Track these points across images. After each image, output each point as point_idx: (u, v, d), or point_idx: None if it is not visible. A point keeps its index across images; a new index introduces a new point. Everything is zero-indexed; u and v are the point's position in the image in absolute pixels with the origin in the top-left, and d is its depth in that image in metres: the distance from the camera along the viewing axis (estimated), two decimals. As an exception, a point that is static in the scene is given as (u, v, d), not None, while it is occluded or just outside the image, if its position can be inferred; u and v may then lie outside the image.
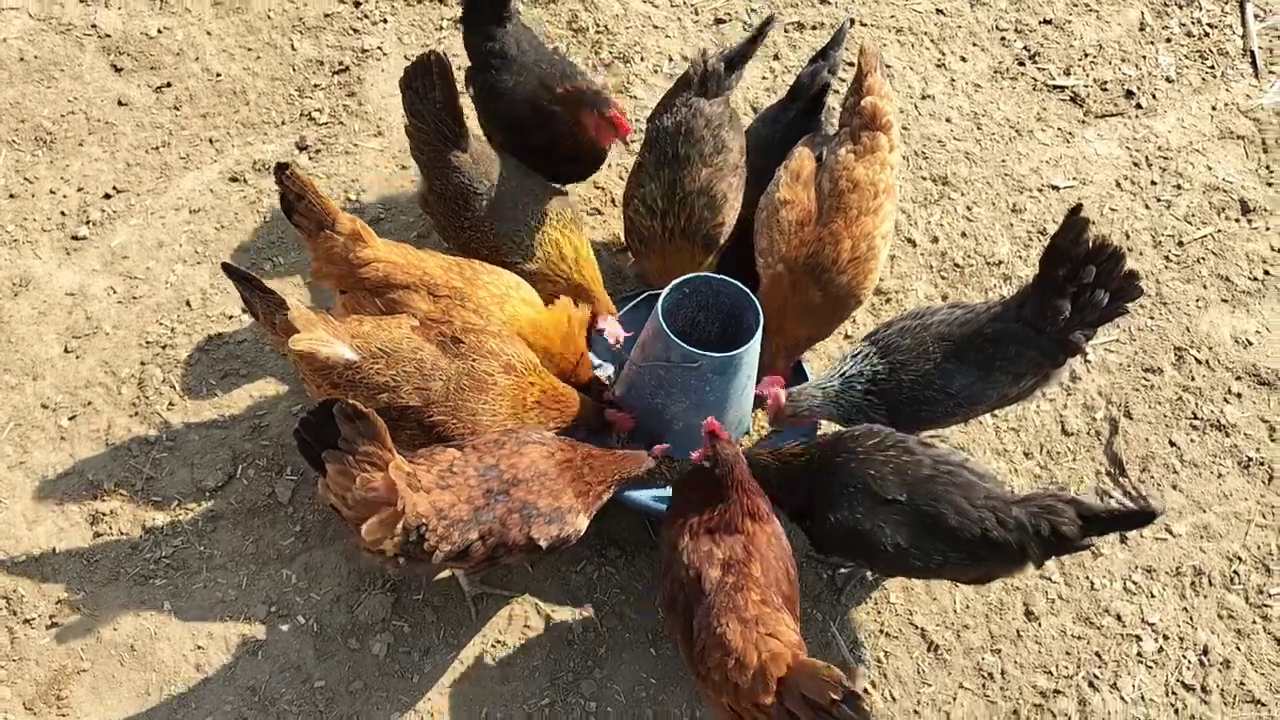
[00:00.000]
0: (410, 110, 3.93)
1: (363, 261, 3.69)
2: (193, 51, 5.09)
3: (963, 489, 3.34)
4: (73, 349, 4.29)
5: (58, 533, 3.93)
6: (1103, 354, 4.57)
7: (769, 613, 3.11)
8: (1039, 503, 3.31)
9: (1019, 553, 3.28)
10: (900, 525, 3.34)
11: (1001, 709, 3.86)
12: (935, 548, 3.33)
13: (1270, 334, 4.65)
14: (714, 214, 4.03)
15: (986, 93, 5.23)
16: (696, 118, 4.02)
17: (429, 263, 3.78)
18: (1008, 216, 4.88)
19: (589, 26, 5.25)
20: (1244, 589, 4.14)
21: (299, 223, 3.69)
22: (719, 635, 3.07)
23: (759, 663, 2.98)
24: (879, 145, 4.00)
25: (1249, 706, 3.93)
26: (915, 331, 3.72)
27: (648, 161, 4.09)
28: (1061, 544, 3.27)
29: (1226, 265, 4.81)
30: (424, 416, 3.53)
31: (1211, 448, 4.41)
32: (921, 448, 3.43)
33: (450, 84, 3.82)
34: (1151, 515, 3.22)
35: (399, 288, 3.72)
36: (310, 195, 3.61)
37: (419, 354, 3.54)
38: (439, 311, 3.70)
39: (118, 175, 4.73)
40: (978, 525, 3.28)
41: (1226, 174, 5.05)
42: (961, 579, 3.53)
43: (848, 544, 3.44)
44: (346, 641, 3.79)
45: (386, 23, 5.22)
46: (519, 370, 3.66)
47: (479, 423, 3.58)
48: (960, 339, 3.66)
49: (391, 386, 3.48)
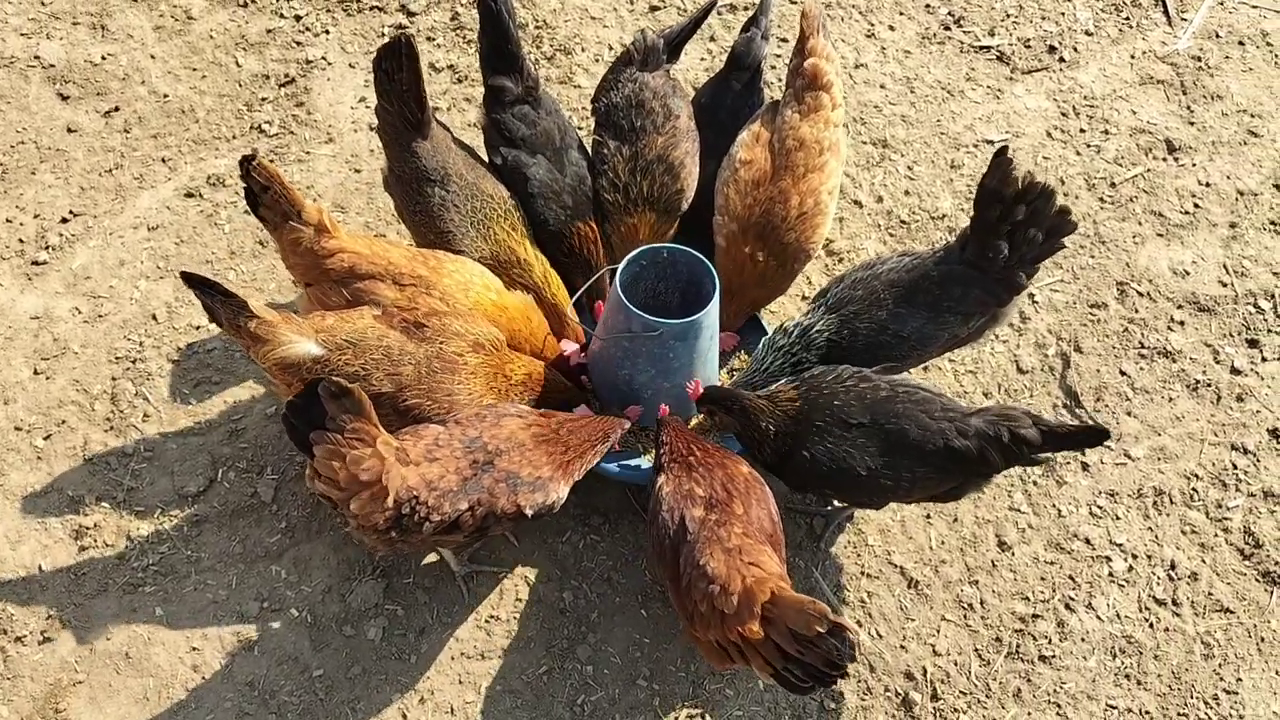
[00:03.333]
0: (378, 90, 3.98)
1: (328, 252, 3.75)
2: (138, 75, 5.14)
3: (920, 404, 3.49)
4: (42, 370, 4.31)
5: (42, 550, 3.94)
6: (1049, 294, 4.74)
7: (752, 544, 3.21)
8: (995, 412, 3.46)
9: (981, 460, 3.42)
10: (867, 447, 3.48)
11: (984, 637, 3.99)
12: (903, 464, 3.47)
13: (1205, 263, 4.86)
14: (674, 180, 4.16)
15: (916, 58, 5.42)
16: (644, 90, 4.17)
17: (393, 252, 3.85)
18: (947, 173, 5.06)
19: (528, 22, 5.37)
20: (1203, 504, 4.31)
21: (264, 215, 3.72)
22: (703, 567, 3.17)
23: (743, 587, 3.06)
24: (822, 104, 4.15)
25: (1219, 615, 4.09)
26: (867, 281, 3.86)
27: (604, 139, 4.21)
28: (1021, 449, 3.40)
29: (1158, 202, 5.01)
30: (399, 401, 3.60)
31: (1160, 374, 4.59)
32: (878, 375, 3.58)
33: (416, 69, 3.87)
34: (1103, 433, 3.37)
35: (365, 277, 3.77)
36: (277, 185, 3.63)
37: (385, 341, 3.61)
38: (405, 300, 3.75)
39: (73, 200, 4.76)
40: (939, 437, 3.43)
41: (1150, 117, 5.27)
42: (934, 495, 3.65)
43: (824, 476, 3.55)
44: (341, 629, 3.83)
45: (328, 33, 5.31)
46: (488, 348, 3.74)
47: (456, 402, 3.65)
48: (909, 284, 3.80)
49: (362, 375, 3.54)
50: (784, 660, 3.03)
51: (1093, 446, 3.58)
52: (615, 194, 4.20)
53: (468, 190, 4.08)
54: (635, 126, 4.16)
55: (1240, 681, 3.96)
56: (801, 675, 3.01)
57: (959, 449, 3.42)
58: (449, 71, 5.23)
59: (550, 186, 4.18)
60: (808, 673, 3.00)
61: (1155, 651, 3.99)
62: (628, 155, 4.16)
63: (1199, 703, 3.91)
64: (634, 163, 4.15)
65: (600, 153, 4.24)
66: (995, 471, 3.51)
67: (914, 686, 3.86)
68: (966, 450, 3.41)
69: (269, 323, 3.50)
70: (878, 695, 3.84)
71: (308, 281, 3.84)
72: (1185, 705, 3.90)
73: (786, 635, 3.01)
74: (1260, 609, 4.10)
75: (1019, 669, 3.93)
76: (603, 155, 4.23)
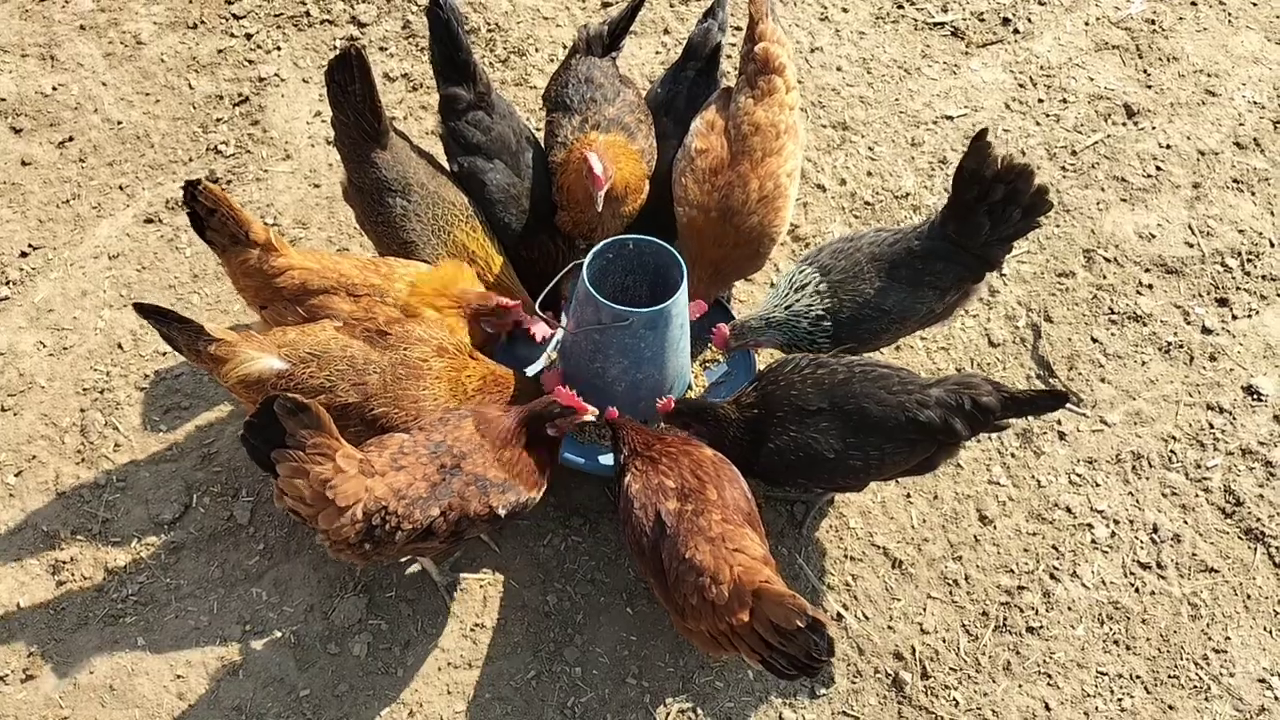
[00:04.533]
0: (332, 102, 3.96)
1: (278, 270, 3.72)
2: (90, 104, 5.10)
3: (876, 382, 3.50)
4: (9, 407, 4.27)
5: (19, 587, 3.91)
6: (1016, 265, 4.74)
7: (733, 529, 3.20)
8: (955, 381, 3.48)
9: (945, 429, 3.42)
10: (830, 430, 3.49)
11: (970, 612, 3.99)
12: (870, 442, 3.47)
13: (1170, 225, 4.86)
14: (631, 140, 4.13)
15: (871, 38, 5.41)
16: (593, 69, 4.22)
17: (344, 264, 3.82)
18: (908, 151, 5.05)
19: (480, 27, 5.35)
20: (1182, 466, 4.32)
21: (212, 239, 3.69)
22: (689, 560, 3.16)
23: (732, 577, 3.06)
24: (775, 88, 4.15)
25: (1204, 575, 4.10)
26: (849, 253, 3.86)
27: (557, 119, 4.21)
28: (985, 415, 3.41)
29: (1120, 167, 5.02)
30: (365, 411, 3.58)
31: (1132, 338, 4.59)
32: (834, 359, 3.58)
33: (369, 79, 3.86)
34: (1063, 397, 3.39)
35: (318, 292, 3.75)
36: (224, 208, 3.62)
37: (349, 351, 3.59)
38: (361, 310, 3.73)
39: (31, 233, 4.72)
40: (899, 411, 3.44)
41: (1107, 82, 5.28)
42: (907, 469, 3.65)
43: (793, 466, 3.55)
44: (326, 647, 3.81)
45: (280, 50, 5.28)
46: (451, 352, 3.72)
47: (422, 409, 3.63)
48: (891, 257, 3.80)
49: (328, 387, 3.53)
50: (768, 650, 3.03)
51: (1053, 410, 3.57)
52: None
53: (430, 199, 4.06)
54: (586, 98, 4.17)
55: (1229, 640, 3.96)
56: (786, 664, 3.01)
57: (923, 421, 3.42)
58: (404, 80, 5.20)
59: (508, 190, 4.17)
60: (791, 662, 3.00)
61: (1142, 615, 4.00)
62: (578, 123, 4.15)
63: (1189, 664, 3.92)
64: (584, 125, 4.13)
65: (554, 131, 4.24)
66: (962, 439, 3.51)
67: (903, 666, 3.86)
68: (930, 421, 3.42)
69: (228, 342, 3.48)
70: (868, 678, 3.84)
71: (261, 304, 3.82)
72: (1175, 667, 3.91)
73: (767, 627, 3.01)
74: (1245, 567, 4.11)
75: (1007, 642, 3.93)
76: (555, 133, 4.23)
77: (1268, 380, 4.49)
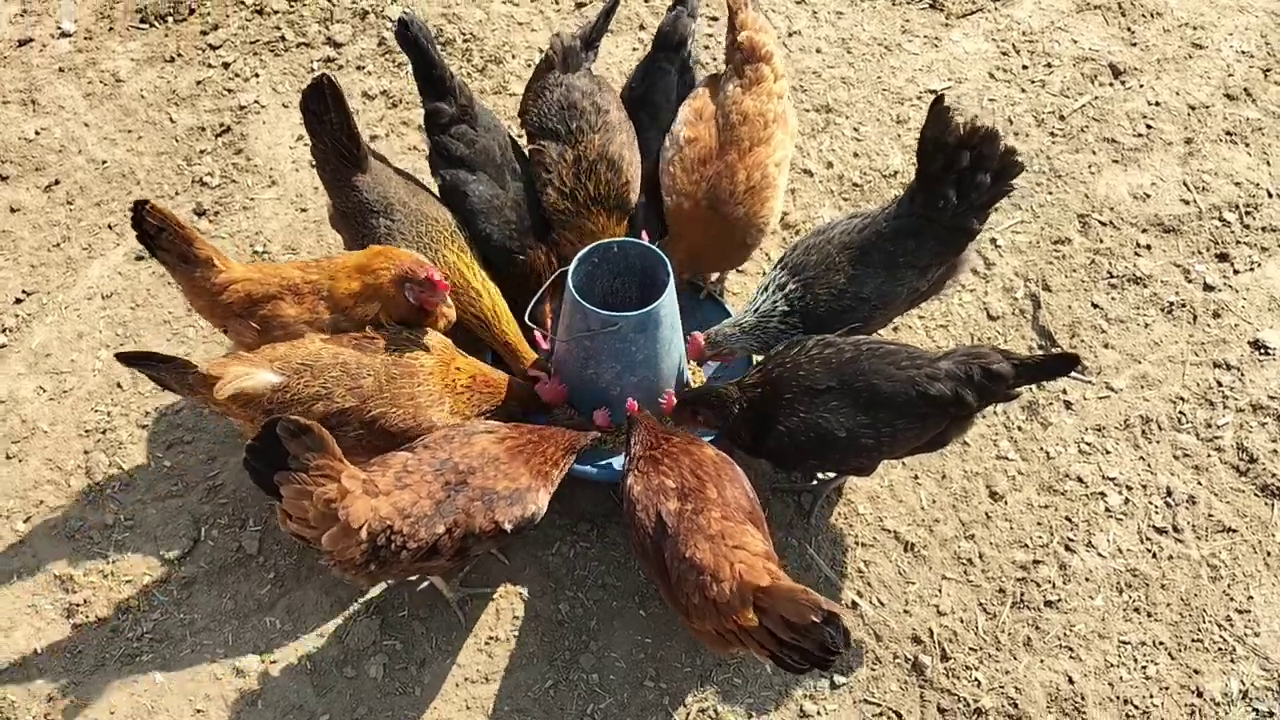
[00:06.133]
0: (310, 131, 3.99)
1: (221, 286, 3.74)
2: (74, 145, 5.11)
3: (885, 358, 3.47)
4: (14, 454, 4.29)
5: (35, 633, 3.92)
6: (1011, 236, 4.69)
7: (733, 526, 3.18)
8: (963, 353, 3.45)
9: (957, 402, 3.39)
10: (841, 409, 3.46)
11: (986, 590, 3.95)
12: (881, 419, 3.44)
13: (1164, 183, 4.80)
14: (618, 176, 4.14)
15: (849, 18, 5.36)
16: (571, 92, 4.16)
17: (286, 269, 3.84)
18: (894, 128, 5.00)
19: (455, 38, 5.33)
20: (1193, 426, 4.26)
21: (164, 259, 3.74)
22: (690, 559, 3.14)
23: (733, 575, 3.04)
24: (763, 76, 4.13)
25: (1221, 535, 4.05)
26: (820, 247, 3.82)
27: (544, 148, 4.18)
28: (996, 384, 3.38)
29: (1110, 128, 4.96)
30: (364, 413, 3.60)
31: (1133, 301, 4.54)
32: (840, 339, 3.55)
33: (343, 105, 3.87)
34: (1073, 359, 3.34)
35: (264, 300, 3.75)
36: (172, 226, 3.66)
37: (340, 358, 3.61)
38: (307, 312, 3.75)
39: (24, 279, 4.73)
40: (909, 386, 3.41)
41: (1091, 43, 5.21)
42: (919, 445, 3.62)
43: (805, 447, 3.51)
44: (342, 671, 3.81)
45: (258, 77, 5.27)
46: (438, 349, 3.75)
47: (419, 405, 3.65)
48: (862, 244, 3.76)
49: (324, 395, 3.54)
50: (780, 646, 3.00)
51: (1066, 373, 3.51)
52: (565, 201, 4.17)
53: (412, 217, 4.07)
54: (571, 129, 4.14)
55: (1251, 599, 3.91)
56: (799, 659, 2.99)
57: (933, 395, 3.39)
58: (383, 97, 5.19)
59: (491, 202, 4.16)
60: (805, 657, 2.98)
61: (1162, 581, 3.95)
62: (571, 159, 4.14)
63: (1212, 626, 3.87)
64: (577, 166, 4.12)
65: (542, 161, 4.21)
66: (974, 411, 3.48)
67: (922, 650, 3.83)
68: (941, 395, 3.39)
69: (218, 363, 3.52)
70: (887, 664, 3.81)
71: (217, 325, 3.86)
72: (1199, 630, 3.86)
73: (781, 624, 2.99)
74: (1263, 524, 4.05)
75: (1026, 617, 3.89)
76: (545, 164, 4.20)
77: (1274, 333, 4.43)
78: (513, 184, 4.23)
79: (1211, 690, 3.75)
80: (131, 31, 5.46)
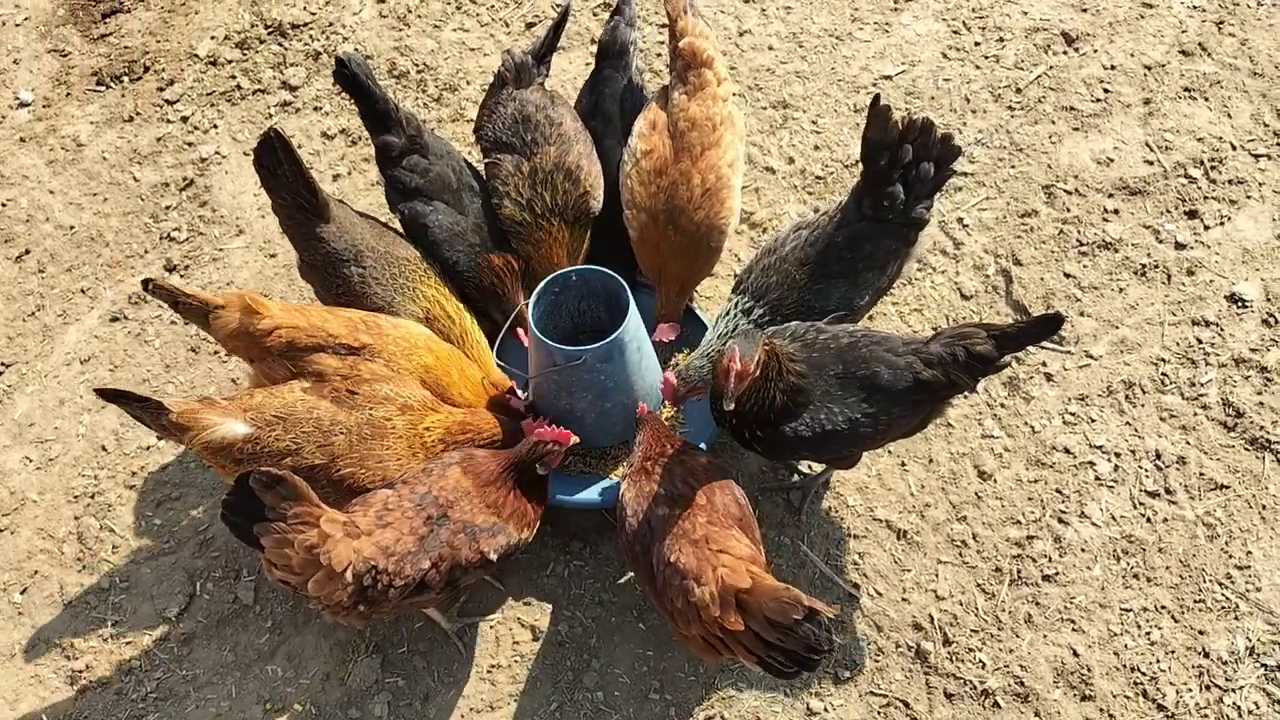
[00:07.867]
0: (266, 187, 3.99)
1: (264, 332, 3.74)
2: (41, 214, 5.13)
3: (883, 344, 3.46)
4: (5, 526, 4.30)
5: (41, 702, 3.93)
6: (978, 214, 4.68)
7: (718, 531, 3.19)
8: (949, 334, 3.44)
9: (949, 385, 3.40)
10: (846, 400, 3.43)
11: (983, 570, 3.94)
12: (880, 407, 3.42)
13: (1127, 146, 4.79)
14: (576, 185, 4.16)
15: (798, 11, 5.36)
16: (525, 106, 4.20)
17: (332, 323, 3.82)
18: (853, 118, 5.00)
19: (409, 70, 5.34)
20: (1176, 386, 4.25)
21: (187, 316, 3.85)
22: (674, 563, 3.15)
23: (715, 577, 3.04)
24: (706, 81, 4.14)
25: (1215, 493, 4.03)
26: (777, 267, 3.81)
27: (499, 160, 4.19)
28: (983, 363, 3.37)
29: (1067, 96, 4.95)
30: (332, 472, 3.58)
31: (1105, 266, 4.52)
32: (830, 326, 3.56)
33: (294, 157, 3.88)
34: (1058, 319, 3.32)
35: (305, 350, 3.77)
36: (181, 296, 3.74)
37: (315, 413, 3.59)
38: (347, 368, 3.75)
39: (2, 351, 4.75)
40: (908, 372, 3.39)
41: (1042, 13, 5.20)
42: (908, 430, 3.63)
43: (807, 440, 3.47)
44: (347, 713, 3.81)
45: (217, 128, 5.29)
46: (415, 408, 3.71)
47: (387, 469, 3.63)
48: (818, 257, 3.76)
49: (294, 450, 3.53)
50: (766, 649, 3.00)
51: (1054, 332, 3.43)
52: (522, 212, 4.18)
53: (382, 260, 4.08)
54: (526, 141, 4.16)
55: (1250, 555, 3.89)
56: (785, 661, 2.98)
57: (929, 381, 3.39)
58: (342, 136, 5.21)
59: (452, 229, 4.17)
60: (791, 659, 2.97)
61: (1159, 545, 3.93)
62: (527, 171, 4.15)
63: (1213, 585, 3.85)
64: (533, 177, 4.13)
65: (497, 174, 4.22)
66: (970, 390, 3.51)
67: (924, 636, 3.81)
68: (935, 379, 3.38)
69: (190, 410, 3.52)
70: (890, 654, 3.80)
71: (250, 359, 3.85)
72: (1200, 591, 3.84)
73: (765, 624, 2.99)
74: (1255, 478, 4.04)
75: (1025, 594, 3.87)
76: (500, 176, 4.21)
77: (1249, 285, 4.41)
78: (472, 206, 4.24)
79: (1218, 649, 3.73)
80: (89, 95, 5.48)
